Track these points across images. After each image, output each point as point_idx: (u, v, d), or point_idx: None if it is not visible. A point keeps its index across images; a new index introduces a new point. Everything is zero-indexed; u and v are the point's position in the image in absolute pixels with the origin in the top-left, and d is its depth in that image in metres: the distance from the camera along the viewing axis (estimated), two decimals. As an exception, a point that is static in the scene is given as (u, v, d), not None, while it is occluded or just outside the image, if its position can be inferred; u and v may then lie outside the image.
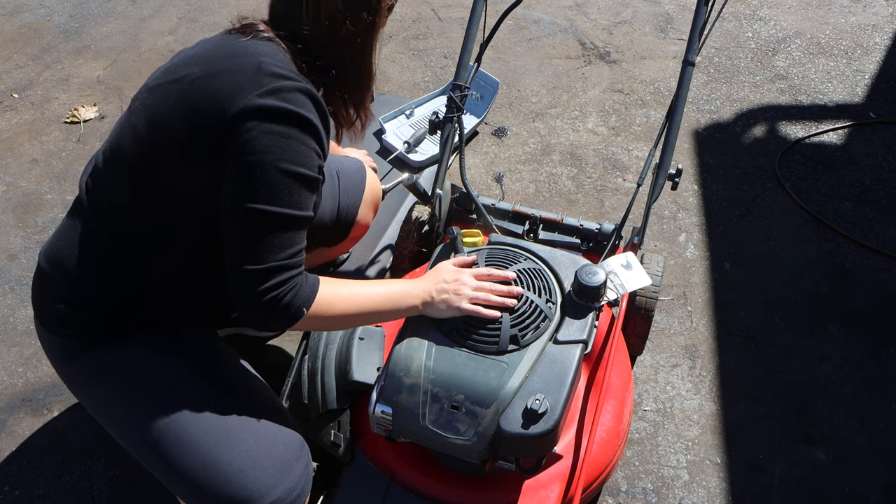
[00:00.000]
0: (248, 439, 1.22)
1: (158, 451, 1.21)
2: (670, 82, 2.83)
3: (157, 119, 1.19)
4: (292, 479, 1.23)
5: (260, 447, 1.22)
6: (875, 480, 1.68)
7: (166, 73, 1.24)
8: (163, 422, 1.21)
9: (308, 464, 1.28)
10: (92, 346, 1.28)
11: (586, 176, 2.46)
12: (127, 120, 1.25)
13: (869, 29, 3.08)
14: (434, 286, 1.29)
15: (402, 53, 3.04)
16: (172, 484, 1.23)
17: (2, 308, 2.09)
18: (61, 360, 1.31)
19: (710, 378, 1.89)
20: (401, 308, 1.27)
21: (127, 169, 1.23)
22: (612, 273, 1.39)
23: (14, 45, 3.15)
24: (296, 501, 1.23)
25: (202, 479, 1.18)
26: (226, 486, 1.18)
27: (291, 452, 1.25)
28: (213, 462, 1.19)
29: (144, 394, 1.25)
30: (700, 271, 2.15)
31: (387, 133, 2.51)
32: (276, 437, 1.26)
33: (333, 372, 1.43)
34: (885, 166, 2.46)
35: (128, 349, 1.28)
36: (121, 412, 1.27)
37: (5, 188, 2.49)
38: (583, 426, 1.40)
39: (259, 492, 1.18)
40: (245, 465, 1.19)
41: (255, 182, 1.11)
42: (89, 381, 1.28)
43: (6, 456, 1.74)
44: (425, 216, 1.86)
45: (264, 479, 1.19)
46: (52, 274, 1.29)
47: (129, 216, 1.24)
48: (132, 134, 1.22)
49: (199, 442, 1.20)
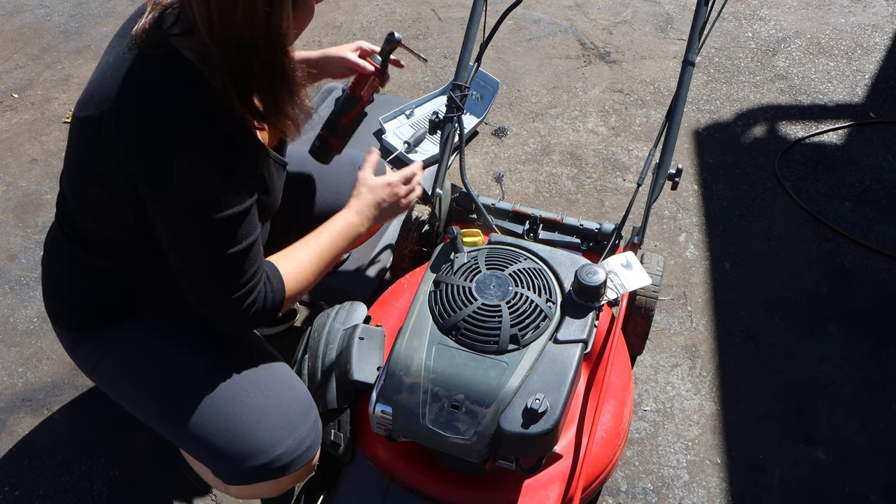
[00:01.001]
0: (257, 394, 1.27)
1: (172, 419, 1.26)
2: (670, 82, 2.83)
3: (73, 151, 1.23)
4: (303, 431, 1.27)
5: (268, 401, 1.27)
6: (875, 480, 1.68)
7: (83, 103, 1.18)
8: (172, 390, 1.27)
9: (317, 420, 1.33)
10: (94, 331, 1.33)
11: (586, 176, 2.46)
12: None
13: (869, 29, 3.08)
14: (373, 209, 1.41)
15: (402, 53, 3.03)
16: (191, 448, 1.29)
17: (2, 308, 2.09)
18: (70, 347, 1.37)
19: (710, 378, 1.89)
20: (352, 240, 1.38)
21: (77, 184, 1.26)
22: (612, 273, 1.39)
23: (14, 45, 3.15)
24: (307, 452, 1.28)
25: (216, 437, 1.23)
26: (239, 440, 1.23)
27: (300, 406, 1.30)
28: (224, 419, 1.24)
29: (150, 367, 1.29)
30: (700, 271, 2.15)
31: (387, 133, 2.51)
32: (284, 391, 1.30)
33: (333, 372, 1.43)
34: (885, 166, 2.46)
35: (128, 328, 1.31)
36: (132, 388, 1.32)
37: (5, 188, 2.49)
38: (583, 426, 1.40)
39: (270, 442, 1.24)
40: (255, 419, 1.24)
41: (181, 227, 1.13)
42: (98, 364, 1.33)
43: (6, 456, 1.74)
44: (425, 216, 1.87)
45: (275, 431, 1.24)
46: (46, 271, 1.37)
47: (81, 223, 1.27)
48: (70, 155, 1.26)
49: (209, 402, 1.24)
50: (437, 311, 1.30)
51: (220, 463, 1.25)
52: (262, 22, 1.04)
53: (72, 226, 1.28)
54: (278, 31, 1.06)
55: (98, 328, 1.32)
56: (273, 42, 1.08)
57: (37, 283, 2.15)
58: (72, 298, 1.33)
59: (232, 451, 1.23)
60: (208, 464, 1.28)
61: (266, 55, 1.08)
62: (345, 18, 3.25)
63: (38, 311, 2.09)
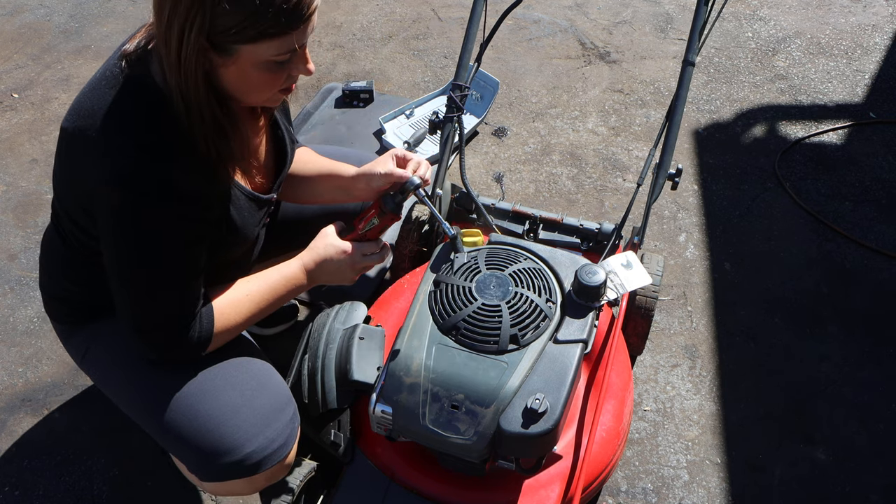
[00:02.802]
0: (231, 391, 1.28)
1: (149, 412, 1.29)
2: (670, 82, 2.83)
3: (57, 156, 1.24)
4: (274, 430, 1.28)
5: (242, 398, 1.27)
6: (875, 480, 1.68)
7: (69, 111, 1.19)
8: (151, 385, 1.29)
9: (294, 418, 1.33)
10: (81, 325, 1.37)
11: (586, 176, 2.46)
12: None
13: (869, 29, 3.08)
14: (320, 268, 1.37)
15: (402, 53, 3.04)
16: (165, 441, 1.30)
17: (2, 308, 2.09)
18: (63, 339, 1.42)
19: (710, 378, 1.89)
20: (293, 292, 1.37)
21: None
22: (612, 273, 1.39)
23: (14, 45, 3.15)
24: (278, 451, 1.28)
25: (187, 431, 1.25)
26: (208, 436, 1.24)
27: (275, 404, 1.31)
28: (196, 414, 1.25)
29: (130, 360, 1.31)
30: (700, 271, 2.15)
31: (387, 133, 2.51)
32: (259, 389, 1.31)
33: (333, 371, 1.43)
34: (885, 166, 2.46)
35: (113, 321, 1.31)
36: (114, 381, 1.35)
37: (5, 188, 2.49)
38: (583, 426, 1.40)
39: (239, 441, 1.24)
40: (225, 416, 1.25)
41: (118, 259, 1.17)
42: (86, 356, 1.37)
43: (6, 456, 1.74)
44: (425, 216, 1.86)
45: (245, 428, 1.25)
46: (42, 267, 1.43)
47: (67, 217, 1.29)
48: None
49: (183, 397, 1.26)
50: (437, 311, 1.30)
51: (192, 459, 1.27)
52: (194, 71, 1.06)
53: (62, 225, 1.31)
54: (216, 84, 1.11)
55: (86, 322, 1.37)
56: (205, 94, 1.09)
57: (37, 283, 2.14)
58: (64, 295, 1.37)
59: (204, 448, 1.24)
60: (182, 459, 1.30)
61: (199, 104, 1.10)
62: (345, 18, 3.25)
63: (38, 311, 2.09)
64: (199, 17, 1.00)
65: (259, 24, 1.03)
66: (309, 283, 1.38)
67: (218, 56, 1.07)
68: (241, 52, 1.06)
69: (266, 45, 1.06)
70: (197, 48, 1.03)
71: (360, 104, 2.70)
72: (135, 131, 1.10)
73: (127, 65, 1.12)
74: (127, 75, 1.12)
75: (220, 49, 1.06)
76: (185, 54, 1.04)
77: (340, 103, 2.71)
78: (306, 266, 1.36)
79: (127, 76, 1.12)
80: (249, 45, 1.05)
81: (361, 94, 2.69)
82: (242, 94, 1.15)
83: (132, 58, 1.13)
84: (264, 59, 1.08)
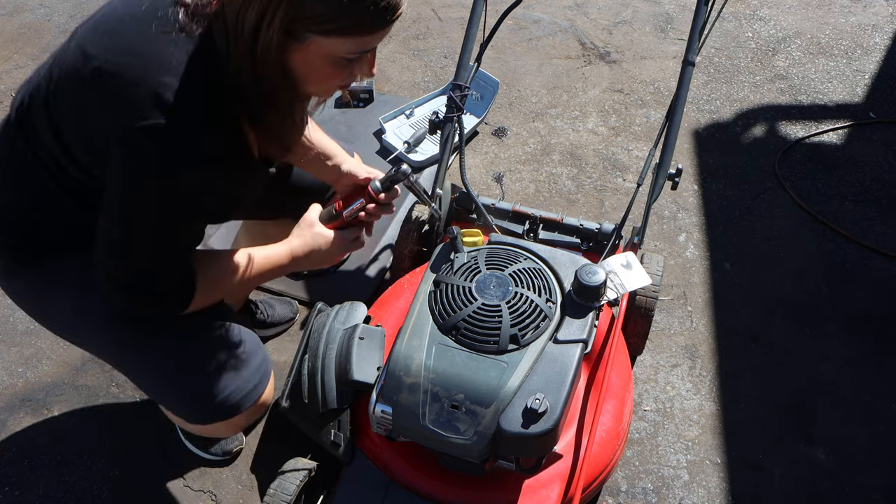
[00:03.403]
0: (204, 343, 1.35)
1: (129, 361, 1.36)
2: (670, 82, 2.83)
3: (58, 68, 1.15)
4: (249, 371, 1.39)
5: (217, 346, 1.35)
6: (875, 480, 1.68)
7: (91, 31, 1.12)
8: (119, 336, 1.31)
9: (265, 361, 1.45)
10: (31, 262, 1.30)
11: (586, 176, 2.46)
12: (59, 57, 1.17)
13: (869, 29, 3.08)
14: (306, 262, 1.41)
15: (402, 53, 3.04)
16: (145, 389, 1.43)
17: (2, 308, 2.09)
18: (4, 276, 1.35)
19: (710, 378, 1.89)
20: (276, 274, 1.39)
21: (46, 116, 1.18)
22: (612, 273, 1.39)
23: (14, 45, 3.15)
24: (254, 391, 1.40)
25: (168, 380, 1.35)
26: (188, 384, 1.35)
27: (247, 349, 1.39)
28: (177, 364, 1.34)
29: (95, 309, 1.28)
30: (700, 271, 2.15)
31: (387, 133, 2.51)
32: (232, 337, 1.37)
33: (333, 371, 1.43)
34: (885, 166, 2.46)
35: (77, 265, 1.28)
36: (83, 329, 1.34)
37: (5, 188, 2.49)
38: (583, 426, 1.40)
39: (220, 386, 1.35)
40: (203, 364, 1.34)
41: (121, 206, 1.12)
42: (42, 297, 1.34)
43: (6, 456, 1.74)
44: (425, 216, 1.87)
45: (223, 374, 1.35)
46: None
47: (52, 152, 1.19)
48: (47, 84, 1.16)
49: (161, 348, 1.33)
50: (437, 311, 1.30)
51: (175, 405, 1.41)
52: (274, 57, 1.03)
53: (41, 145, 1.19)
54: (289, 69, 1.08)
55: (35, 259, 1.29)
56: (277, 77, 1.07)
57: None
58: (14, 220, 1.27)
59: (184, 397, 1.36)
60: (164, 404, 1.45)
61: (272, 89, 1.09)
62: (345, 18, 3.25)
63: (38, 311, 2.09)
64: (285, 1, 0.98)
65: (343, 18, 1.00)
66: (293, 268, 1.41)
67: (287, 40, 1.03)
68: (313, 41, 1.03)
69: (342, 41, 1.04)
70: (279, 31, 1.00)
71: (359, 104, 2.70)
72: (204, 109, 1.06)
73: (187, 17, 1.05)
74: (193, 35, 1.06)
75: (292, 34, 1.02)
76: (264, 38, 1.01)
77: (340, 103, 2.72)
78: (294, 254, 1.39)
79: (194, 36, 1.06)
80: (325, 37, 1.02)
81: (361, 93, 2.69)
82: (302, 81, 1.12)
83: (193, 11, 1.06)
84: (335, 54, 1.06)
